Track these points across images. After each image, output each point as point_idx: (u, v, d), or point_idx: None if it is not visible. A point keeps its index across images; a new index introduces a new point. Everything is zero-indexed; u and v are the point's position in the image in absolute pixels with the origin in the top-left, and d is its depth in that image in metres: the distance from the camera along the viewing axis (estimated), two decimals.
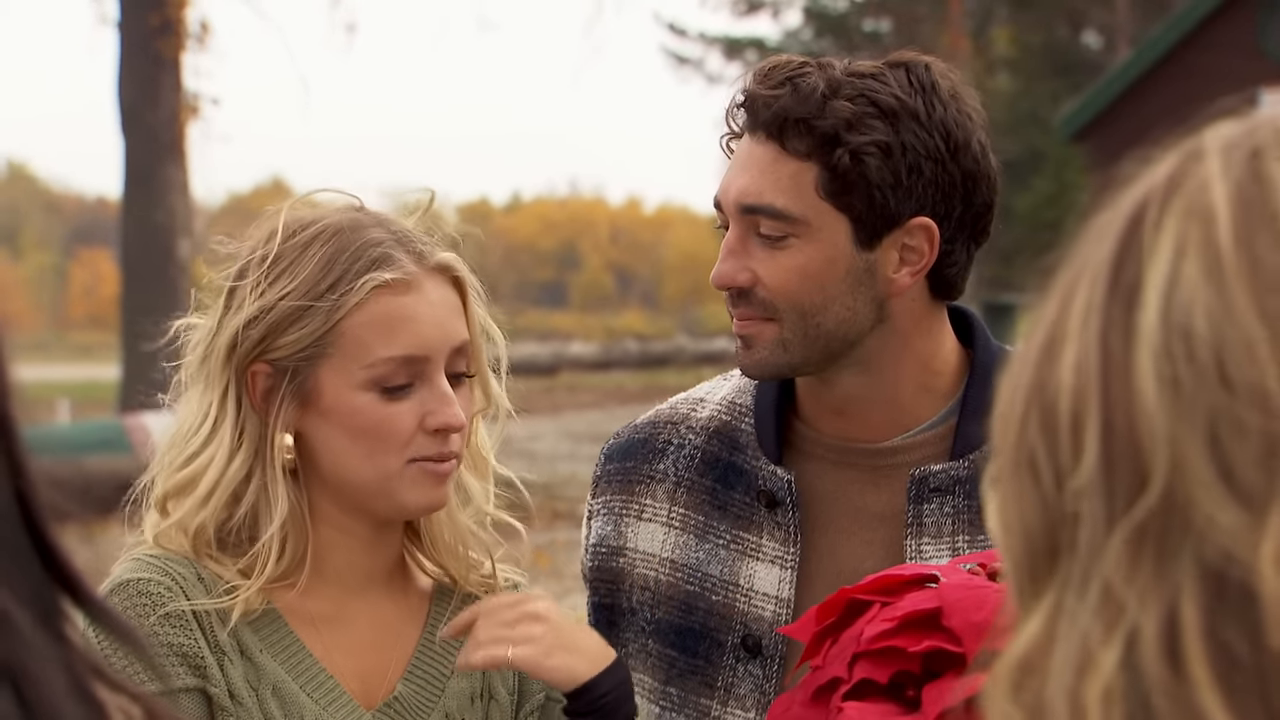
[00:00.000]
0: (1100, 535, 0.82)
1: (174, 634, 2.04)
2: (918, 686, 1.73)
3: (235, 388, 2.10)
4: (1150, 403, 0.81)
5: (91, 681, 0.93)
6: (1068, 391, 0.84)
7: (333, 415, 2.08)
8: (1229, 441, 0.80)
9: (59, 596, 0.94)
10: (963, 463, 2.20)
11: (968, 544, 2.19)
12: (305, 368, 2.08)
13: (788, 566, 2.23)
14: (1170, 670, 0.80)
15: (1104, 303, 0.85)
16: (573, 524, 12.94)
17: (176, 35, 17.11)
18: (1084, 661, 0.82)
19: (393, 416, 2.07)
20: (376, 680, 2.16)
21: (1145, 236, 0.85)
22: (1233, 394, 0.80)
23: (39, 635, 0.90)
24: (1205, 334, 0.81)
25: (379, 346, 2.06)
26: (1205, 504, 0.80)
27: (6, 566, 0.90)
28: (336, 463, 2.10)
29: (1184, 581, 0.80)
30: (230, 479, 2.09)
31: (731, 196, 2.18)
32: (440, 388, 2.09)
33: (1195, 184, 0.85)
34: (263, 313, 2.08)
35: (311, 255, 2.08)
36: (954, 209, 2.16)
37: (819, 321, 2.16)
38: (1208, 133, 0.87)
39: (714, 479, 2.29)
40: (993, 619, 1.67)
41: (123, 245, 18.00)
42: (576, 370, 30.30)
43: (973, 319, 2.29)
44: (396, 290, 2.07)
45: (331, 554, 2.14)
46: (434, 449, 2.08)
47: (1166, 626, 0.80)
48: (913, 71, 2.16)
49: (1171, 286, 0.82)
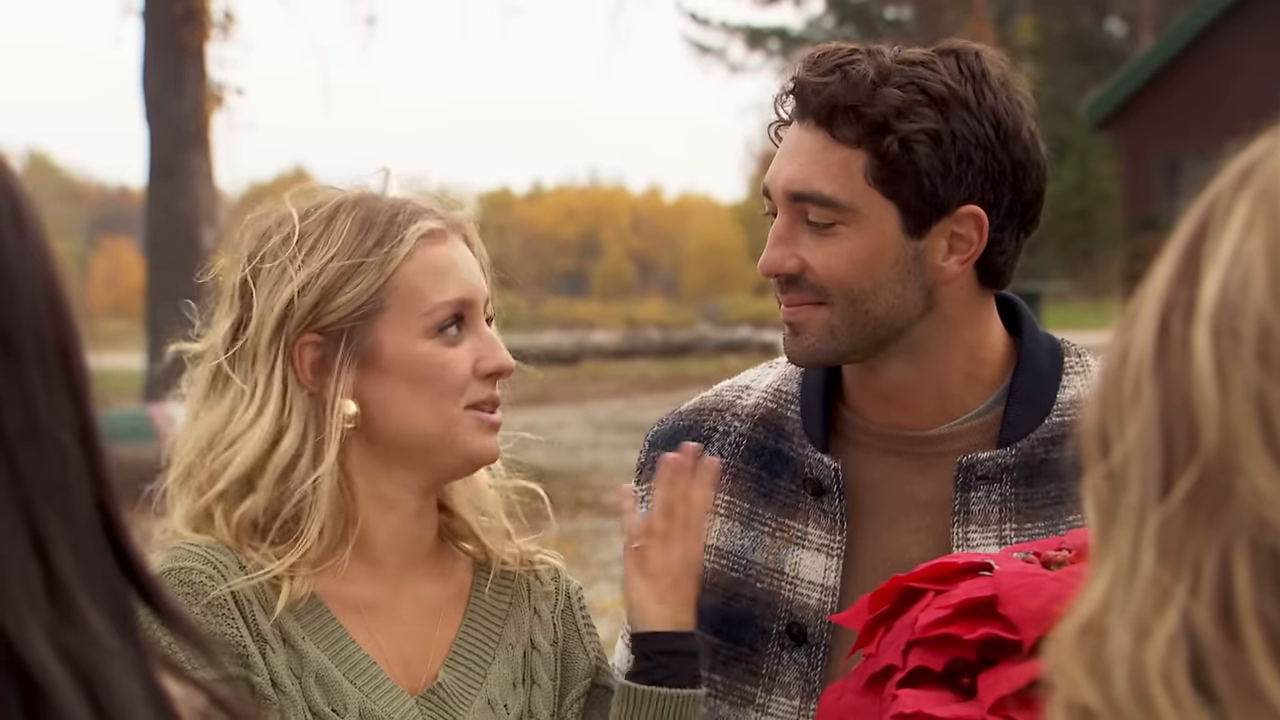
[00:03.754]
0: (1152, 503, 0.84)
1: (217, 623, 2.04)
2: (973, 674, 1.73)
3: (282, 366, 2.10)
4: (1204, 374, 0.82)
5: (162, 682, 0.93)
6: (1133, 362, 0.86)
7: (395, 368, 2.11)
8: (1275, 414, 0.81)
9: (134, 601, 0.95)
10: (1010, 451, 2.20)
11: (1015, 532, 2.18)
12: (361, 326, 2.11)
13: (834, 554, 2.22)
14: (1225, 637, 0.81)
15: (1173, 277, 0.86)
16: (596, 513, 12.94)
17: (200, 25, 17.11)
18: (1141, 625, 0.83)
19: (453, 361, 2.12)
20: (419, 666, 2.16)
21: (1217, 215, 0.86)
22: (1270, 372, 0.81)
23: (115, 640, 0.91)
24: (1254, 310, 0.82)
25: (434, 292, 2.12)
26: (1251, 472, 0.81)
27: (86, 573, 0.91)
28: (402, 417, 2.12)
29: (1235, 550, 0.81)
30: (278, 461, 2.09)
31: (780, 183, 2.18)
32: (487, 334, 2.16)
33: (1271, 165, 0.85)
34: (312, 279, 2.10)
35: (340, 223, 2.12)
36: (1003, 197, 2.16)
37: (868, 308, 2.16)
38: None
39: (759, 466, 2.29)
40: (1048, 607, 1.67)
41: (147, 234, 18.02)
42: (599, 359, 30.28)
43: (1020, 307, 2.29)
44: (438, 239, 2.14)
45: (374, 534, 2.14)
46: (486, 393, 2.14)
47: (1220, 593, 0.81)
48: (963, 59, 2.16)
49: (1233, 263, 0.83)
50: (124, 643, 0.92)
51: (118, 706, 0.89)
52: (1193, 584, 0.82)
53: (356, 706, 2.09)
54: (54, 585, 0.89)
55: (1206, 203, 0.87)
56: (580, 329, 36.23)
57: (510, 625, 2.23)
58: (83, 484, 0.92)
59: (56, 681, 0.87)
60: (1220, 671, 0.81)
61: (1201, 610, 0.81)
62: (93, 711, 0.88)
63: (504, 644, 2.21)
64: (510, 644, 2.22)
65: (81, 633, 0.89)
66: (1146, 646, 0.83)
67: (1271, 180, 0.84)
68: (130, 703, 0.90)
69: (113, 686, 0.89)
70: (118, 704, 0.89)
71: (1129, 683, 0.83)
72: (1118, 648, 0.84)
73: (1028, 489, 2.19)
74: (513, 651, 2.21)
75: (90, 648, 0.89)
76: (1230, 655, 0.80)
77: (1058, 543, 1.89)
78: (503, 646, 2.21)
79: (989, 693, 1.70)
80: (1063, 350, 2.26)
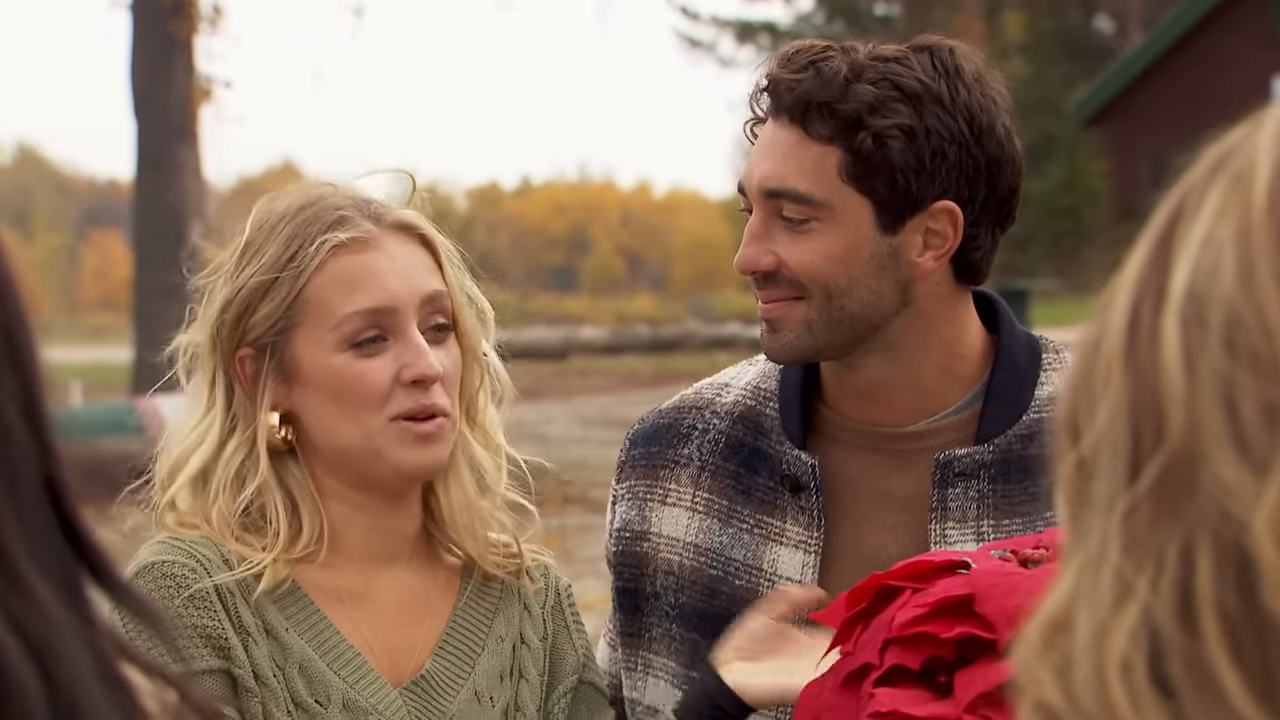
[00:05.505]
0: (1119, 493, 0.83)
1: (198, 615, 2.05)
2: (949, 673, 1.73)
3: (224, 375, 2.14)
4: (1171, 363, 0.82)
5: (119, 663, 0.93)
6: (1104, 351, 0.86)
7: (312, 383, 2.11)
8: (1241, 403, 0.80)
9: (84, 577, 0.94)
10: (987, 447, 2.20)
11: (992, 528, 2.18)
12: (281, 342, 2.12)
13: (811, 551, 2.22)
14: (1183, 629, 0.80)
15: (1145, 265, 0.86)
16: (584, 508, 12.94)
17: (189, 18, 17.10)
18: (1104, 619, 0.83)
19: (367, 372, 2.10)
20: (405, 656, 2.16)
21: (1190, 203, 0.85)
22: (1236, 360, 0.80)
23: (64, 613, 0.90)
24: (1222, 297, 0.81)
25: (342, 304, 2.10)
26: (1215, 463, 0.80)
27: (33, 545, 0.91)
28: (325, 431, 2.12)
29: (1198, 542, 0.81)
30: (227, 464, 2.12)
31: (755, 181, 2.18)
32: (413, 340, 2.11)
33: (1246, 152, 0.85)
34: (234, 294, 2.12)
35: (276, 234, 2.13)
36: (978, 193, 2.16)
37: (843, 304, 2.16)
38: (1275, 106, 0.87)
39: (738, 464, 2.29)
40: (1025, 605, 1.67)
41: (134, 227, 18.02)
42: (587, 354, 30.25)
43: (998, 304, 2.29)
44: (355, 249, 2.11)
45: (348, 530, 2.15)
46: (413, 402, 2.10)
47: (1180, 585, 0.81)
48: (936, 55, 2.16)
49: (1203, 250, 0.83)
50: (72, 615, 0.91)
51: (67, 677, 0.88)
52: (1154, 576, 0.82)
53: (340, 697, 2.09)
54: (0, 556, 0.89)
55: (1180, 191, 0.87)
56: (569, 324, 36.20)
57: (500, 618, 2.23)
58: (28, 456, 0.91)
59: (7, 652, 0.87)
60: (1178, 665, 0.81)
61: (1162, 602, 0.81)
62: (43, 683, 0.87)
63: (493, 636, 2.21)
64: (500, 637, 2.22)
65: (29, 603, 0.89)
66: (1108, 640, 0.82)
67: (1244, 168, 0.84)
68: (81, 674, 0.89)
69: (62, 658, 0.89)
70: (67, 674, 0.88)
71: (1089, 678, 0.83)
72: (1080, 643, 0.84)
73: (1005, 485, 2.19)
74: (502, 644, 2.21)
75: (38, 618, 0.89)
76: (1188, 649, 0.80)
77: (1035, 541, 1.89)
78: (492, 639, 2.21)
79: (965, 691, 1.70)
80: (1041, 347, 2.27)
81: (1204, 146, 0.89)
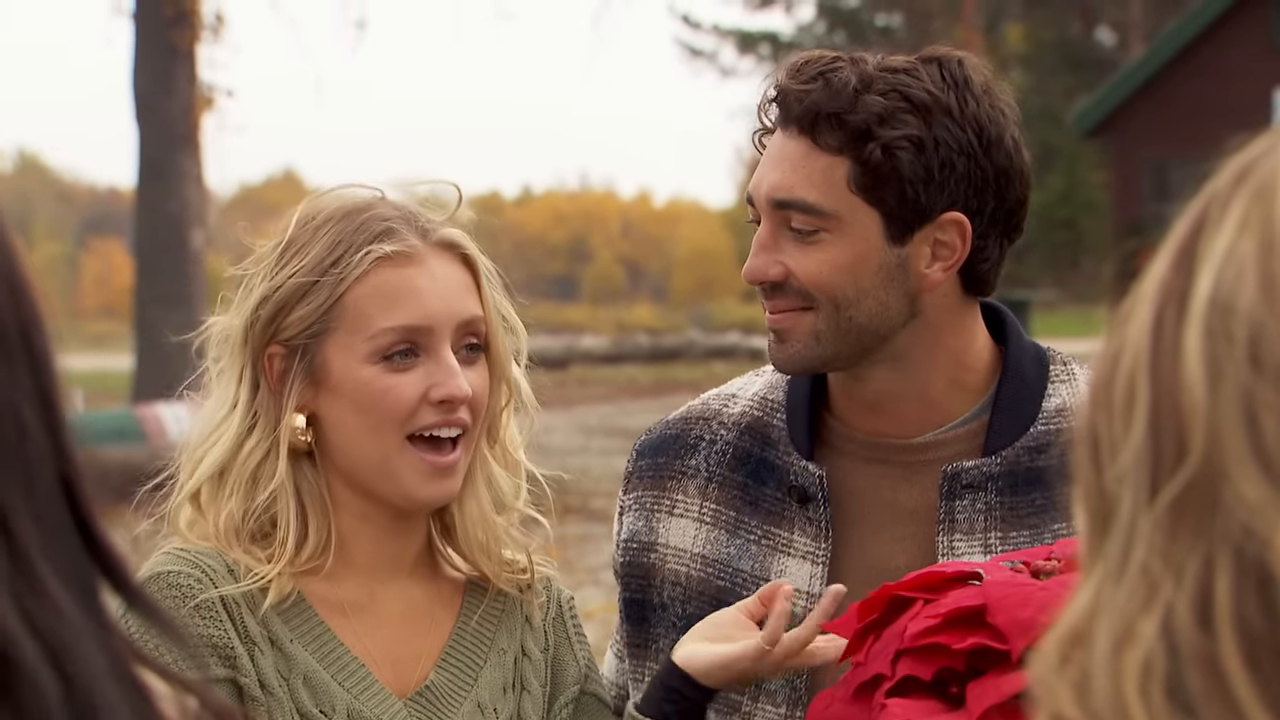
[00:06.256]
0: (1141, 507, 0.83)
1: (204, 625, 2.05)
2: (961, 684, 1.72)
3: (251, 371, 2.14)
4: (1193, 376, 0.82)
5: (134, 665, 0.93)
6: (1126, 363, 0.85)
7: (340, 390, 2.11)
8: (1264, 419, 0.80)
9: (99, 579, 0.94)
10: (995, 459, 2.20)
11: (1000, 540, 2.18)
12: (313, 345, 2.11)
13: (819, 562, 2.22)
14: (1203, 643, 0.80)
15: (1168, 275, 0.85)
16: (585, 518, 12.93)
17: (191, 26, 17.11)
18: (1123, 634, 0.83)
19: (395, 387, 2.10)
20: (408, 668, 2.16)
21: (1213, 214, 0.85)
22: (1261, 374, 0.80)
23: (80, 615, 0.90)
24: (1246, 311, 0.81)
25: (380, 317, 2.10)
26: (1237, 479, 0.80)
27: (49, 546, 0.91)
28: (344, 440, 2.12)
29: (1218, 556, 0.80)
30: (244, 462, 2.11)
31: (763, 191, 2.18)
32: (445, 360, 2.11)
33: (1269, 165, 0.84)
34: (272, 292, 2.11)
35: (321, 236, 2.12)
36: (986, 204, 2.16)
37: (851, 315, 2.16)
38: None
39: (745, 474, 2.29)
40: (1037, 616, 1.66)
41: (136, 236, 18.01)
42: (588, 364, 30.26)
43: (1005, 315, 2.29)
44: (398, 263, 2.11)
45: (355, 541, 2.15)
46: (435, 417, 2.10)
47: (1200, 600, 0.81)
48: (946, 66, 2.16)
49: (1226, 263, 0.83)
50: (88, 616, 0.91)
51: (84, 678, 0.88)
52: (1174, 590, 0.81)
53: (345, 708, 2.09)
54: (16, 554, 0.89)
55: (1203, 200, 0.86)
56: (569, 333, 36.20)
57: (503, 630, 2.23)
58: (45, 458, 0.92)
59: (25, 651, 0.87)
60: (1196, 680, 0.80)
61: (1181, 617, 0.81)
62: (60, 683, 0.87)
63: (496, 648, 2.21)
64: (502, 649, 2.22)
65: (45, 603, 0.89)
66: (1126, 654, 0.82)
67: (1267, 180, 0.84)
68: (97, 675, 0.89)
69: (79, 658, 0.89)
70: (84, 675, 0.88)
71: (1107, 693, 0.82)
72: (1099, 657, 0.83)
73: (1012, 497, 2.19)
74: (504, 656, 2.21)
75: (54, 619, 0.89)
76: (1207, 664, 0.80)
77: (1046, 552, 1.89)
78: (494, 651, 2.21)
79: (977, 702, 1.70)
80: (1048, 359, 2.27)
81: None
